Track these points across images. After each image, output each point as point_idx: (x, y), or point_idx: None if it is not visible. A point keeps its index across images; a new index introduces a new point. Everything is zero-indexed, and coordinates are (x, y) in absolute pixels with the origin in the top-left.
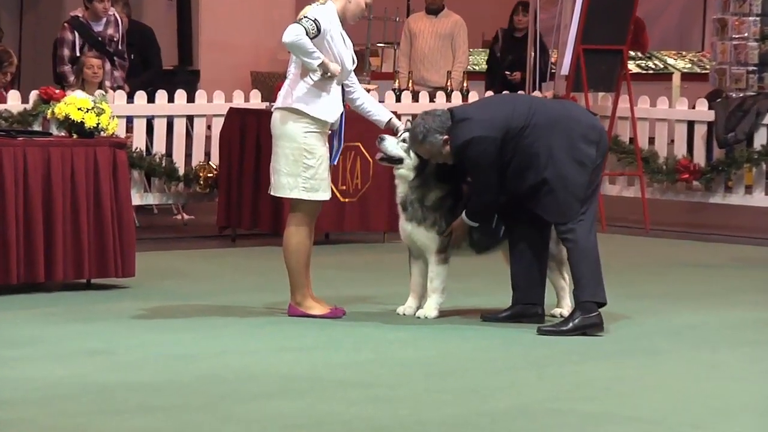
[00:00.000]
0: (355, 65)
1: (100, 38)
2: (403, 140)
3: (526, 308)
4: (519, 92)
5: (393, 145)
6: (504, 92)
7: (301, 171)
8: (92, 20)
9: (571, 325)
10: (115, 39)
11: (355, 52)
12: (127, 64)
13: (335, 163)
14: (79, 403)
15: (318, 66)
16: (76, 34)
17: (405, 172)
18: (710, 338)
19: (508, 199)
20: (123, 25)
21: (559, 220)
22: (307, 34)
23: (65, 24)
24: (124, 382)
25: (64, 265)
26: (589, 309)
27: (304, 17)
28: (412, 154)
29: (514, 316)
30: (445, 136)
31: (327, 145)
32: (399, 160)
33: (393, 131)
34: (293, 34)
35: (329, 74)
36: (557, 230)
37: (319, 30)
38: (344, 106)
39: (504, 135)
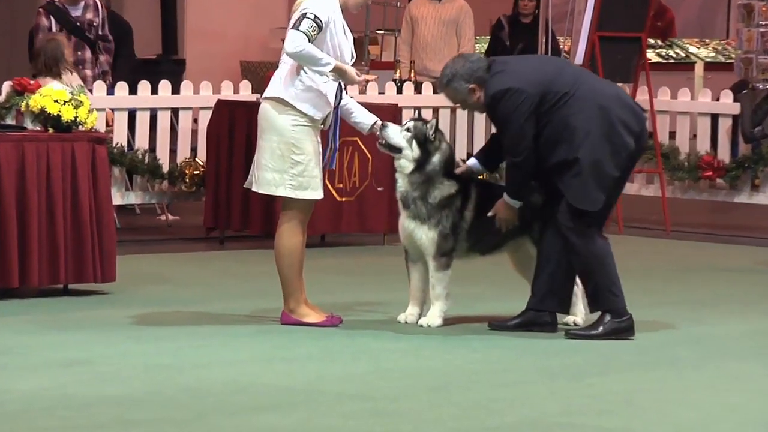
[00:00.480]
0: (353, 60)
1: (78, 23)
2: (407, 129)
3: (538, 316)
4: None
5: (396, 133)
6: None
7: (288, 167)
8: (69, 5)
9: (601, 329)
10: (95, 24)
11: (353, 39)
12: (113, 46)
13: (334, 167)
14: (55, 418)
15: (330, 72)
16: (53, 19)
17: (404, 163)
18: (735, 348)
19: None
20: (103, 9)
21: (577, 204)
22: (309, 40)
23: (40, 9)
24: (102, 394)
25: (40, 270)
26: (620, 312)
27: (304, 15)
28: (414, 145)
29: (525, 324)
30: (472, 85)
31: (319, 140)
32: (399, 150)
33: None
34: (295, 44)
35: (345, 80)
36: (566, 223)
37: (320, 27)
38: (339, 101)
39: (542, 96)
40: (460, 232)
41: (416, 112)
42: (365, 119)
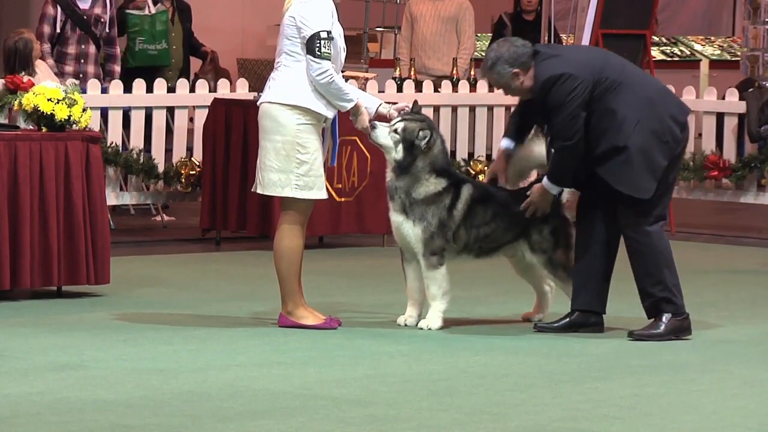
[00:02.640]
0: (345, 53)
1: (85, 16)
2: (395, 131)
3: (586, 317)
4: None
5: (384, 135)
6: None
7: (294, 167)
8: None
9: (663, 328)
10: (102, 20)
11: (352, 36)
12: (117, 53)
13: (334, 164)
14: (46, 423)
15: (350, 109)
16: (59, 9)
17: (391, 159)
18: (742, 352)
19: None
20: (113, 6)
21: (631, 192)
22: (331, 61)
23: None
24: (95, 399)
25: (32, 272)
26: (680, 311)
27: (318, 36)
28: (399, 147)
29: (572, 325)
30: (516, 69)
31: (321, 139)
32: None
33: (387, 119)
34: (325, 75)
35: (356, 119)
36: (629, 224)
37: (332, 39)
38: None
39: (594, 83)
40: (448, 231)
41: (415, 103)
42: (369, 103)
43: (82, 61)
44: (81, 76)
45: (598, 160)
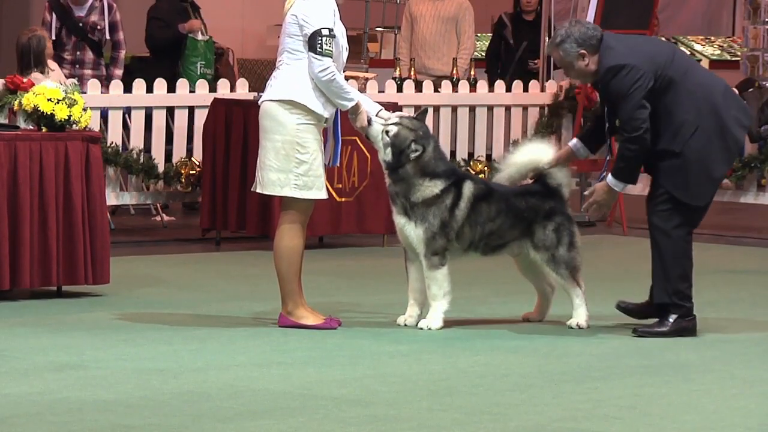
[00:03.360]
0: (347, 52)
1: (81, 24)
2: (386, 132)
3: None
4: None
5: (376, 135)
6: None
7: (293, 167)
8: (74, 4)
9: (669, 327)
10: (99, 27)
11: (352, 36)
12: (121, 56)
13: (337, 164)
14: (46, 423)
15: (350, 108)
16: (54, 16)
17: (380, 159)
18: (743, 351)
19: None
20: (114, 12)
21: (687, 199)
22: (333, 59)
23: (47, 3)
24: (95, 399)
25: (31, 272)
26: (688, 314)
27: (319, 33)
28: (388, 150)
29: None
30: (582, 50)
31: (321, 139)
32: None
33: None
34: (327, 72)
35: (355, 118)
36: (657, 223)
37: (333, 37)
38: None
39: (656, 78)
40: (450, 231)
41: (424, 112)
42: (369, 108)
43: (77, 66)
44: (77, 81)
45: (652, 160)
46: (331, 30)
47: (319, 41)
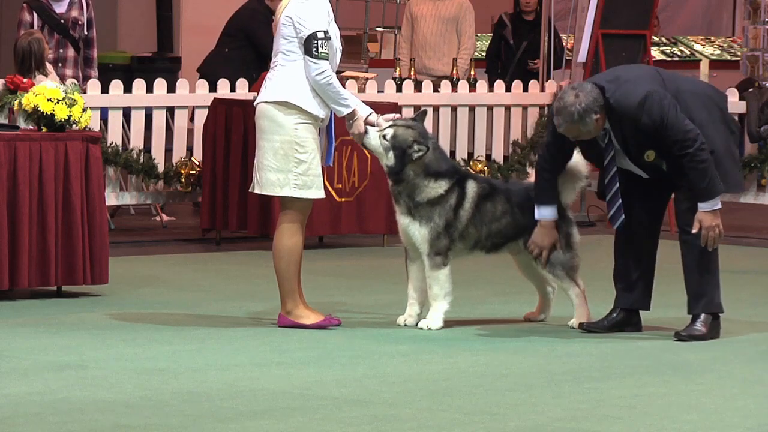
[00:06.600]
0: (341, 52)
1: (62, 20)
2: (383, 136)
3: (631, 315)
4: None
5: (374, 141)
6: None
7: (292, 166)
8: (53, 0)
9: (706, 329)
10: (80, 23)
11: (352, 36)
12: (94, 55)
13: (330, 163)
14: (46, 423)
15: (346, 114)
16: (35, 14)
17: (383, 165)
18: (743, 351)
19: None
20: (90, 8)
21: (729, 191)
22: (329, 61)
23: (24, 5)
24: (95, 399)
25: (30, 272)
26: (718, 314)
27: (314, 36)
28: (390, 154)
29: (617, 324)
30: (598, 115)
31: (319, 138)
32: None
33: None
34: (324, 75)
35: (351, 123)
36: (687, 228)
37: (329, 39)
38: None
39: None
40: (455, 231)
41: (423, 113)
42: (360, 111)
43: (60, 64)
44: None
45: (673, 163)
46: (326, 33)
47: (315, 44)
